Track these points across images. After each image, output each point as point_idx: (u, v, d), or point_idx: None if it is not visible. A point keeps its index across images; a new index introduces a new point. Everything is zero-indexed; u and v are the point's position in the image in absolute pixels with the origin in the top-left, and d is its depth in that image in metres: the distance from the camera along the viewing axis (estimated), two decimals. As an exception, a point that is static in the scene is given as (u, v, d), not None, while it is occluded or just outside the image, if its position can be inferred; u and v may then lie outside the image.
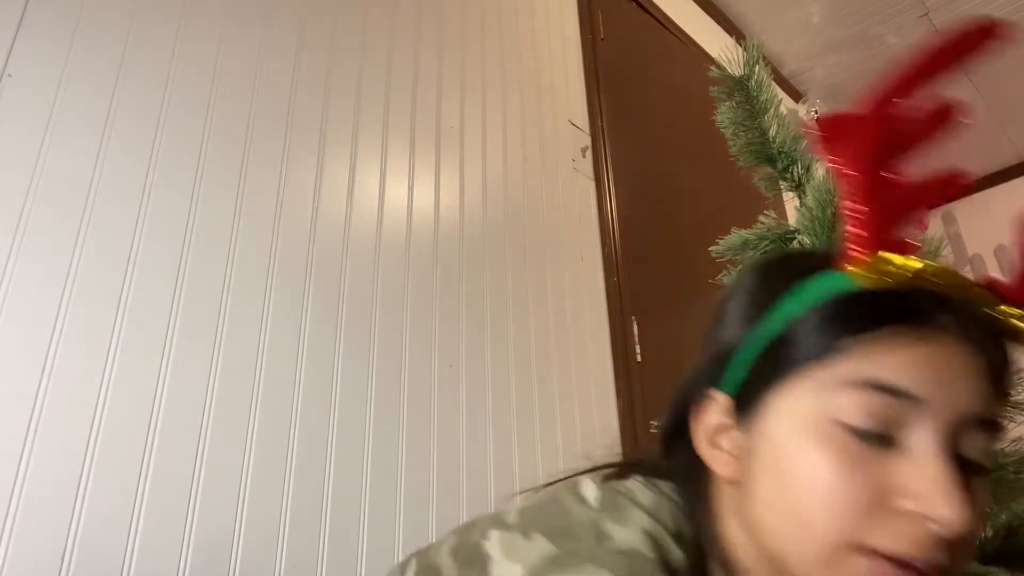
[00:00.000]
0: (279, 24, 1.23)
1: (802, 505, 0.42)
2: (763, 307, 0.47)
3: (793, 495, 0.42)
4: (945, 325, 0.43)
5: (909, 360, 0.42)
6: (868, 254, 0.43)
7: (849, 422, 0.41)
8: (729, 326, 0.50)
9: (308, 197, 1.16)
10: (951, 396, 0.41)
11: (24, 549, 0.74)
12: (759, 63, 0.87)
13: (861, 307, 0.43)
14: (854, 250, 0.43)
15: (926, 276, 0.42)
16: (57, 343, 0.82)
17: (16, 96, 0.88)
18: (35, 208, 0.85)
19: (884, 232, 0.44)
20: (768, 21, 3.04)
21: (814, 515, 0.41)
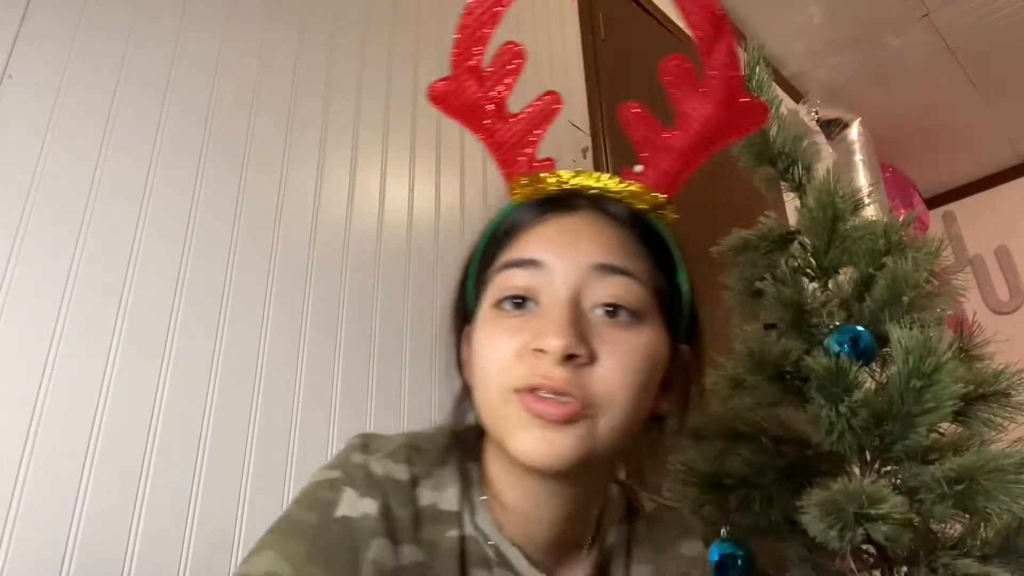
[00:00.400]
0: (279, 25, 1.23)
1: (482, 374, 0.52)
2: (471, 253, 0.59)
3: (479, 371, 0.53)
4: (577, 206, 0.55)
5: (536, 237, 0.53)
6: (512, 180, 0.56)
7: (496, 299, 0.52)
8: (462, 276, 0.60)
9: (309, 198, 1.16)
10: (570, 253, 0.52)
11: (24, 551, 0.74)
12: (760, 64, 0.87)
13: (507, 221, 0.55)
14: (507, 178, 0.56)
15: (548, 182, 0.56)
16: (57, 344, 0.82)
17: (17, 97, 0.88)
18: (36, 209, 0.85)
19: (514, 162, 0.57)
20: (769, 22, 3.04)
21: (487, 377, 0.51)
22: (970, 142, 3.96)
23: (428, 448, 0.58)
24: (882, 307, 0.73)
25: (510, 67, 0.58)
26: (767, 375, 0.71)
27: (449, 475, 0.57)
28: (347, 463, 0.55)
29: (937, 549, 0.67)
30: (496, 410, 0.51)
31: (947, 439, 0.71)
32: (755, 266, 0.86)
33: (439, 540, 0.54)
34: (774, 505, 0.69)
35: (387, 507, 0.52)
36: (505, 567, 0.54)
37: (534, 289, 0.52)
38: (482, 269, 0.56)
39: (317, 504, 0.52)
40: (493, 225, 0.58)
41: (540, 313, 0.51)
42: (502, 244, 0.55)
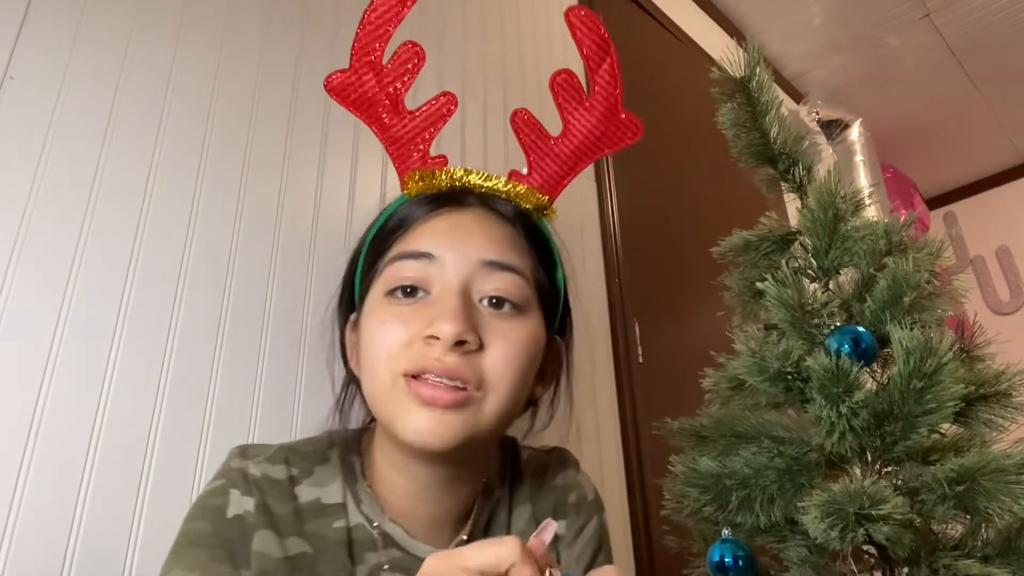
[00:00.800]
0: (280, 25, 1.23)
1: (371, 361, 0.55)
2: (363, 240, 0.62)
3: (367, 354, 0.56)
4: (468, 203, 0.59)
5: (428, 231, 0.56)
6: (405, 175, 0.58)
7: (388, 288, 0.55)
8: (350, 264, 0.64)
9: (309, 197, 1.16)
10: (462, 248, 0.56)
11: (25, 553, 0.74)
12: (760, 65, 0.87)
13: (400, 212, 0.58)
14: (400, 173, 0.58)
15: (455, 177, 0.60)
16: (58, 345, 0.82)
17: (18, 98, 0.88)
18: (36, 210, 0.85)
19: (408, 157, 0.59)
20: (769, 23, 3.04)
21: (376, 364, 0.54)
22: (971, 142, 3.96)
23: (308, 450, 0.61)
24: (883, 308, 0.73)
25: (409, 65, 0.61)
26: (768, 376, 0.71)
27: (331, 471, 0.60)
28: (228, 470, 0.58)
29: (938, 550, 0.67)
30: (386, 394, 0.54)
31: (948, 440, 0.71)
32: (756, 267, 0.86)
33: (326, 532, 0.57)
34: (775, 506, 0.69)
35: (264, 504, 0.56)
36: (392, 546, 0.58)
37: (425, 280, 0.55)
38: (371, 261, 0.59)
39: (208, 512, 0.56)
40: (383, 218, 0.61)
41: (431, 302, 0.54)
42: (394, 236, 0.58)
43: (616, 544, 1.46)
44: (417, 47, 0.62)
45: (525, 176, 0.64)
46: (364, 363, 0.57)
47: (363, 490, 0.60)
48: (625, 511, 1.52)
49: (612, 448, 1.56)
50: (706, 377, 0.84)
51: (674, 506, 0.76)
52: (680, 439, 0.79)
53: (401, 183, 0.61)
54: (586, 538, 0.72)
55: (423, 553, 0.58)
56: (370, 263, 0.59)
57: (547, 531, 0.42)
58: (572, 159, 0.65)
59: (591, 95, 0.65)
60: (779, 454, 0.71)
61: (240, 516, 0.55)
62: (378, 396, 0.56)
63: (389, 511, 0.60)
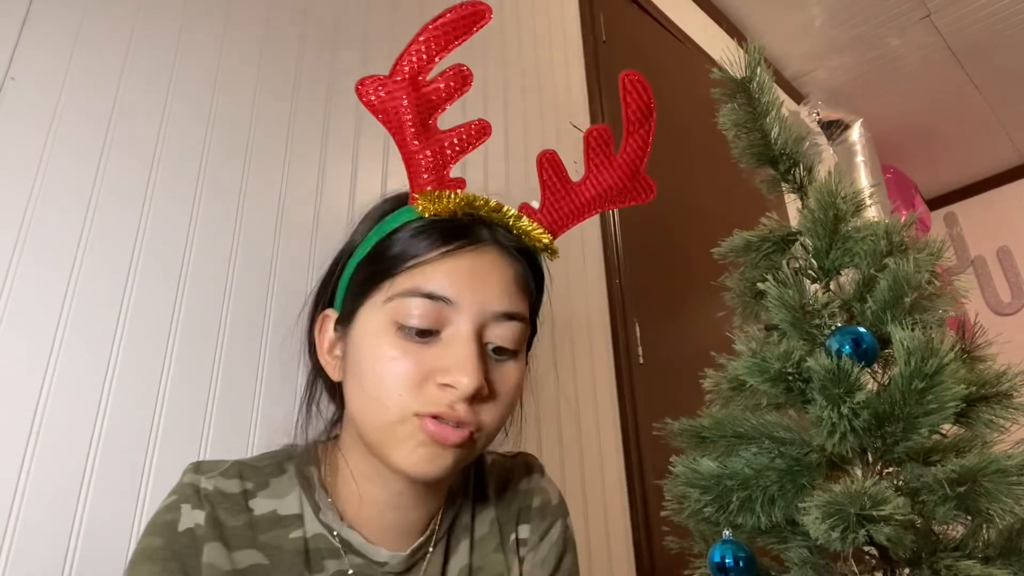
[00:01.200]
0: (280, 27, 1.23)
1: (375, 388, 0.55)
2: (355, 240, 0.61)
3: (367, 381, 0.55)
4: (483, 240, 0.58)
5: (448, 271, 0.55)
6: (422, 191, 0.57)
7: (404, 323, 0.54)
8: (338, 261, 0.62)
9: (310, 198, 1.16)
10: (479, 297, 0.56)
11: (26, 554, 0.74)
12: (761, 65, 0.87)
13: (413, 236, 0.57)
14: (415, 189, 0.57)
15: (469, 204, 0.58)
16: (59, 346, 0.82)
17: (19, 99, 0.88)
18: (37, 210, 0.85)
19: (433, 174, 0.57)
20: (770, 23, 3.04)
21: (384, 396, 0.54)
22: (971, 143, 3.96)
23: (263, 464, 0.62)
24: (884, 308, 0.73)
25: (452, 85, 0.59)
26: (768, 376, 0.71)
27: (288, 482, 0.61)
28: (181, 485, 0.59)
29: (939, 551, 0.67)
30: (390, 427, 0.55)
31: (949, 440, 0.71)
32: (756, 267, 0.86)
33: (282, 542, 0.58)
34: (776, 506, 0.69)
35: (215, 517, 0.57)
36: (351, 552, 0.60)
37: (440, 321, 0.55)
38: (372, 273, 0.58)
39: (160, 528, 0.56)
40: (387, 227, 0.59)
41: (444, 344, 0.55)
42: (404, 261, 0.56)
43: (616, 545, 1.46)
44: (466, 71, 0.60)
45: (536, 212, 0.63)
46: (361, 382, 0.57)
47: (321, 499, 0.61)
48: (626, 512, 1.52)
49: (613, 449, 1.56)
50: (707, 378, 0.84)
51: (675, 507, 0.76)
52: (681, 440, 0.79)
53: (411, 197, 0.59)
54: (551, 542, 0.72)
55: (382, 557, 0.60)
56: (370, 275, 0.58)
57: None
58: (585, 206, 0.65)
59: (621, 152, 0.65)
60: (780, 455, 0.71)
61: (191, 529, 0.56)
62: (377, 423, 0.56)
63: (348, 518, 0.61)
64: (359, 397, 0.57)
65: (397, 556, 0.61)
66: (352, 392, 0.58)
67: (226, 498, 0.59)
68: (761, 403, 0.79)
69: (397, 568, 0.61)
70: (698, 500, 0.71)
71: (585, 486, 1.44)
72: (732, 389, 0.82)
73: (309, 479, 0.62)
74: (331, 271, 0.64)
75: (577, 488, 1.42)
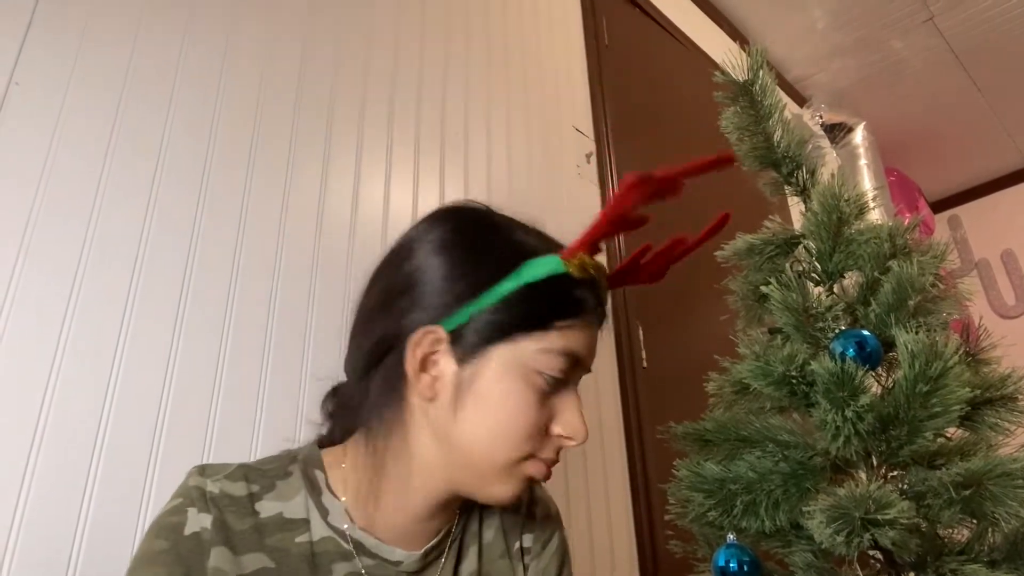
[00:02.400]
0: (283, 32, 1.23)
1: (506, 430, 0.58)
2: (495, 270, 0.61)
3: (501, 423, 0.58)
4: (597, 313, 0.64)
5: (583, 340, 0.62)
6: (579, 253, 0.62)
7: (551, 375, 0.59)
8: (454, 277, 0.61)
9: (313, 201, 1.16)
10: (591, 361, 0.64)
11: (27, 560, 0.74)
12: (763, 68, 0.87)
13: (570, 295, 0.61)
14: (573, 249, 0.62)
15: (598, 276, 0.64)
16: (63, 349, 0.83)
17: (24, 103, 0.88)
18: (42, 213, 0.86)
19: (596, 243, 0.63)
20: (772, 26, 3.04)
21: (512, 439, 0.59)
22: (975, 146, 3.96)
23: (269, 467, 0.63)
24: (888, 311, 0.73)
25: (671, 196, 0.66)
26: (772, 380, 0.71)
27: (295, 484, 0.62)
28: (186, 488, 0.59)
29: (944, 554, 0.66)
30: (504, 463, 0.59)
31: (954, 444, 0.70)
32: (760, 270, 0.86)
33: (288, 546, 0.59)
34: (780, 510, 0.69)
35: (222, 520, 0.57)
36: (365, 554, 0.61)
37: (567, 379, 0.61)
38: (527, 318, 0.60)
39: (165, 530, 0.56)
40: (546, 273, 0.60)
41: (565, 401, 0.62)
42: (560, 316, 0.60)
43: (620, 548, 1.45)
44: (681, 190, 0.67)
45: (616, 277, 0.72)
46: (487, 417, 0.59)
47: (329, 502, 0.62)
48: (629, 515, 1.51)
49: (616, 453, 1.55)
50: (710, 381, 0.84)
51: (678, 511, 0.76)
52: (684, 443, 0.79)
53: (570, 251, 0.62)
54: (551, 551, 0.75)
55: (397, 557, 0.62)
56: (522, 319, 0.60)
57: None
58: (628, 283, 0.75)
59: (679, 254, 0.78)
60: (784, 458, 0.70)
61: (197, 533, 0.56)
62: (496, 458, 0.59)
63: (360, 521, 0.62)
64: (479, 430, 0.59)
65: (412, 556, 0.63)
66: (467, 422, 0.59)
67: (233, 501, 0.59)
68: (765, 406, 0.79)
69: (411, 568, 0.63)
70: (702, 504, 0.71)
71: (589, 489, 1.43)
72: (736, 392, 0.82)
73: (315, 482, 0.63)
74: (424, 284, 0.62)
75: (581, 491, 1.41)
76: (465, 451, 0.60)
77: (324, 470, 0.64)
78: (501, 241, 0.64)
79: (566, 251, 0.62)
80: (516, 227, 0.68)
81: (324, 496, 0.62)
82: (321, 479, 0.63)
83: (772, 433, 0.72)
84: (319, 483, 0.63)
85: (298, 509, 0.61)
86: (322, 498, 0.62)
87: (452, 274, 0.61)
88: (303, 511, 0.61)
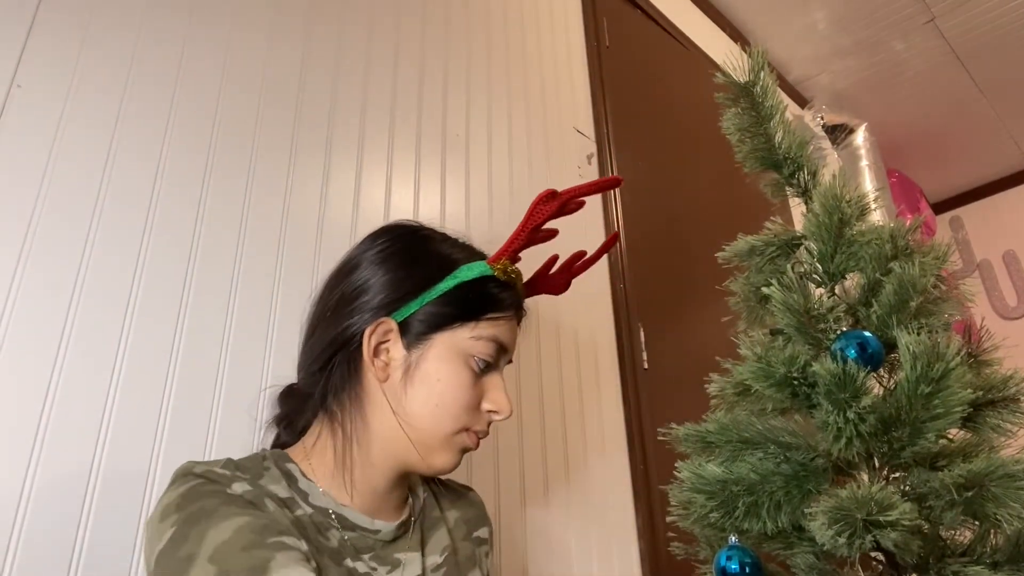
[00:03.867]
0: (284, 37, 1.23)
1: (446, 404, 0.70)
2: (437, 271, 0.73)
3: (441, 397, 0.70)
4: (515, 312, 0.77)
5: (506, 331, 0.75)
6: (502, 260, 0.76)
7: (481, 359, 0.72)
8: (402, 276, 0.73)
9: (314, 205, 1.16)
10: (512, 349, 0.77)
11: (30, 563, 0.74)
12: (764, 69, 0.87)
13: (497, 293, 0.74)
14: (497, 256, 0.76)
15: (518, 280, 0.78)
16: (65, 349, 0.83)
17: (25, 107, 0.88)
18: (43, 216, 0.86)
19: (516, 252, 0.78)
20: (773, 28, 3.05)
21: (451, 411, 0.71)
22: (976, 147, 3.96)
23: (248, 464, 0.68)
24: (889, 312, 0.72)
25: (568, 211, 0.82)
26: (774, 381, 0.70)
27: (274, 475, 0.68)
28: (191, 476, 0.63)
29: (947, 556, 0.66)
30: (444, 436, 0.71)
31: (956, 445, 0.70)
32: (761, 272, 0.86)
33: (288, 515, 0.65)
34: (782, 512, 0.69)
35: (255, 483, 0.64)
36: (347, 528, 0.69)
37: (494, 363, 0.74)
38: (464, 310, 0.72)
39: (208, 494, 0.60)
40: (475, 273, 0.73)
41: (492, 382, 0.74)
42: (487, 308, 0.73)
43: (623, 550, 1.45)
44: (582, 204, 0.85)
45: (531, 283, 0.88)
46: (430, 393, 0.70)
47: (307, 486, 0.69)
48: (631, 517, 1.51)
49: (618, 454, 1.55)
50: (712, 383, 0.84)
51: (680, 512, 0.75)
52: (686, 445, 0.79)
53: (494, 258, 0.76)
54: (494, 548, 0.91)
55: (375, 526, 0.71)
56: (459, 311, 0.72)
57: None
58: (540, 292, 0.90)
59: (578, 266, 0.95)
60: (786, 460, 0.70)
61: (241, 495, 0.61)
62: (436, 430, 0.71)
63: (337, 499, 0.70)
64: (425, 405, 0.70)
65: (389, 526, 0.72)
66: (415, 399, 0.71)
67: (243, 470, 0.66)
68: (766, 408, 0.78)
69: (387, 537, 0.72)
70: (704, 506, 0.71)
71: (590, 492, 1.43)
72: (737, 394, 0.81)
73: (290, 473, 0.70)
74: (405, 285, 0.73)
75: (582, 494, 1.41)
76: (415, 423, 0.70)
77: (294, 462, 0.71)
78: (434, 249, 0.77)
79: (491, 258, 0.76)
80: (446, 238, 0.80)
81: (301, 482, 0.69)
82: (295, 469, 0.70)
83: (774, 435, 0.72)
84: (294, 473, 0.70)
85: (285, 492, 0.67)
86: (299, 484, 0.69)
87: (396, 277, 0.73)
88: (289, 493, 0.67)
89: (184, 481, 0.62)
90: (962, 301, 0.78)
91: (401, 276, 0.74)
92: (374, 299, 0.73)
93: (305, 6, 1.29)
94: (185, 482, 0.61)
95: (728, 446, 0.74)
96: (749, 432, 0.73)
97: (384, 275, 0.74)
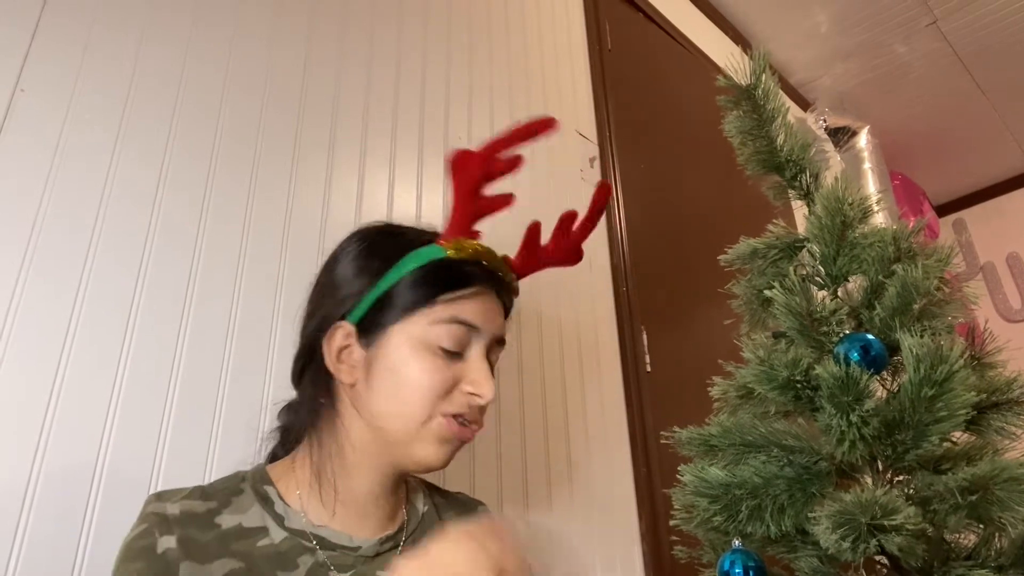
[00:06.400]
0: (286, 39, 1.24)
1: (408, 393, 0.67)
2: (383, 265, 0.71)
3: (403, 388, 0.68)
4: (488, 284, 0.73)
5: (474, 306, 0.71)
6: (454, 238, 0.73)
7: (441, 344, 0.68)
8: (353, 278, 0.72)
9: (317, 207, 1.16)
10: (490, 326, 0.72)
11: (33, 564, 0.74)
12: (766, 72, 0.87)
13: (450, 273, 0.70)
14: (448, 235, 0.73)
15: (481, 254, 0.73)
16: (68, 351, 0.83)
17: (29, 110, 0.89)
18: (48, 218, 0.86)
19: (466, 226, 0.74)
20: (775, 30, 3.05)
21: (415, 399, 0.67)
22: (979, 149, 3.95)
23: (221, 486, 0.69)
24: (892, 315, 0.72)
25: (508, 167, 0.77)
26: (776, 384, 0.70)
27: (248, 498, 0.68)
28: (147, 515, 0.63)
29: (951, 560, 0.66)
30: (416, 426, 0.68)
31: (960, 448, 0.70)
32: (763, 274, 0.86)
33: (252, 550, 0.64)
34: (785, 515, 0.68)
35: (186, 537, 0.62)
36: (325, 547, 0.67)
37: (464, 344, 0.70)
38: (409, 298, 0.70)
39: (138, 553, 0.60)
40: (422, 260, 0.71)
41: (464, 362, 0.70)
42: (442, 292, 0.69)
43: (626, 554, 1.45)
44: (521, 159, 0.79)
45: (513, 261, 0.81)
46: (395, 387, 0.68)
47: (282, 509, 0.68)
48: (634, 521, 1.51)
49: (621, 457, 1.55)
50: (715, 386, 0.84)
51: (684, 516, 0.75)
52: (689, 448, 0.79)
53: (443, 238, 0.73)
54: None
55: (354, 543, 0.68)
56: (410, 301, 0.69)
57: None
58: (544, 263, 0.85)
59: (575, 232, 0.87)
60: (789, 463, 0.70)
61: (165, 553, 0.60)
62: (406, 422, 0.68)
63: (315, 518, 0.69)
64: (389, 400, 0.68)
65: (369, 541, 0.69)
66: (379, 394, 0.68)
67: (194, 517, 0.64)
68: (769, 411, 0.78)
69: (369, 552, 0.69)
70: (707, 509, 0.71)
71: (593, 495, 1.43)
72: (740, 397, 0.81)
73: (265, 496, 0.68)
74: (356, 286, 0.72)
75: (585, 497, 1.41)
76: (384, 420, 0.68)
77: (273, 483, 0.70)
78: (390, 243, 0.75)
79: (440, 239, 0.74)
80: (406, 230, 0.78)
81: (277, 505, 0.68)
82: (272, 492, 0.69)
83: (777, 438, 0.72)
84: (270, 496, 0.69)
85: (255, 519, 0.66)
86: (275, 507, 0.68)
87: (346, 279, 0.73)
88: (260, 520, 0.66)
89: (137, 524, 0.63)
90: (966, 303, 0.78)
91: (350, 277, 0.73)
92: (330, 305, 0.72)
93: (307, 9, 1.29)
94: (136, 526, 0.63)
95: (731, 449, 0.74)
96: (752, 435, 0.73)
97: (338, 279, 0.74)
